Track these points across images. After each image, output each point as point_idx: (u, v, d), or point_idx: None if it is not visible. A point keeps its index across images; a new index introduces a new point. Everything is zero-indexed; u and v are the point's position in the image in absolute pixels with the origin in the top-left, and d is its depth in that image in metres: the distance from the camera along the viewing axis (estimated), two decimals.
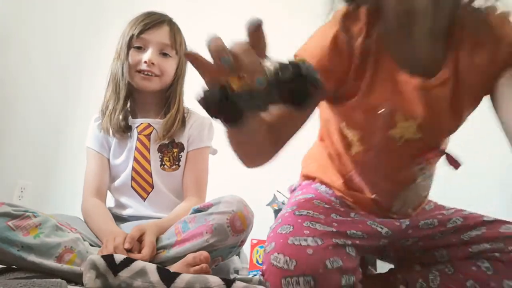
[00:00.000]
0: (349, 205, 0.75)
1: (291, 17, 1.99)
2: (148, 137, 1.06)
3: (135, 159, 1.04)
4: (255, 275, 1.30)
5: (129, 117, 1.07)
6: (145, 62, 1.02)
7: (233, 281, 0.64)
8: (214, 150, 1.15)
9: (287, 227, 0.62)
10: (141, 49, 1.04)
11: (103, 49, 1.75)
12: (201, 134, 1.09)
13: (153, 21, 1.04)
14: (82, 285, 0.64)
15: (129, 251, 0.79)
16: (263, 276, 0.60)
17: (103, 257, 0.64)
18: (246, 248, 1.13)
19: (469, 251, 0.68)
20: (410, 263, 0.75)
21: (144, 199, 1.04)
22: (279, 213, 1.36)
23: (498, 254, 0.66)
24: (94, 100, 1.16)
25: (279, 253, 0.58)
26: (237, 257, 1.02)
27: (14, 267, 0.76)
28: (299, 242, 0.58)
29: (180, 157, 1.07)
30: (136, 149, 1.05)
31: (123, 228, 0.93)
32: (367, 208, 0.74)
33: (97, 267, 0.63)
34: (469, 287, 0.65)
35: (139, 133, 1.06)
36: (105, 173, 1.06)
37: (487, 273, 0.65)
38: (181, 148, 1.07)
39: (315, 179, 0.82)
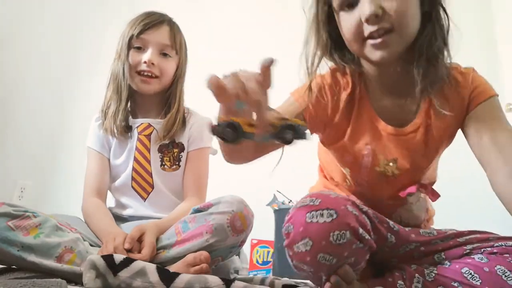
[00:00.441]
0: None
1: (291, 17, 1.99)
2: (148, 137, 1.06)
3: (136, 159, 1.04)
4: (255, 275, 1.30)
5: (130, 117, 1.07)
6: (145, 62, 1.02)
7: (232, 281, 0.64)
8: (214, 150, 1.15)
9: (309, 194, 0.67)
10: (141, 49, 1.04)
11: (101, 48, 1.75)
12: (202, 134, 1.09)
13: (153, 21, 1.04)
14: (82, 285, 0.64)
15: (129, 251, 0.79)
16: (288, 223, 0.63)
17: (103, 257, 0.64)
18: (246, 248, 1.13)
19: (464, 248, 0.72)
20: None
21: (144, 199, 1.04)
22: (279, 213, 1.38)
23: (489, 248, 0.70)
24: (94, 100, 1.16)
25: (305, 198, 0.64)
26: (237, 257, 1.02)
27: (14, 267, 0.76)
28: (323, 192, 0.66)
29: (180, 157, 1.07)
30: (136, 149, 1.05)
31: (123, 228, 0.93)
32: None
33: (97, 267, 0.63)
34: (464, 273, 0.67)
35: (139, 133, 1.06)
36: (106, 173, 1.06)
37: (481, 261, 0.68)
38: (182, 148, 1.07)
39: None
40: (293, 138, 0.51)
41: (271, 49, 1.99)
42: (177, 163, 1.06)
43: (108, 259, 0.64)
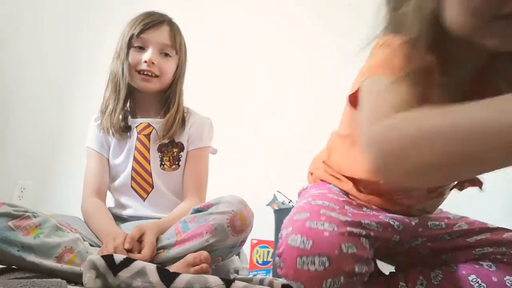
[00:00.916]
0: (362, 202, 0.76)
1: (291, 17, 1.99)
2: (148, 137, 1.06)
3: (135, 159, 1.04)
4: (255, 275, 1.30)
5: (129, 116, 1.07)
6: (145, 61, 1.02)
7: (232, 281, 0.64)
8: (214, 150, 1.15)
9: (303, 214, 0.62)
10: (141, 49, 1.04)
11: (101, 48, 1.75)
12: (201, 134, 1.09)
13: (153, 21, 1.04)
14: (82, 285, 0.64)
15: (129, 251, 0.79)
16: (279, 257, 0.61)
17: (103, 257, 0.64)
18: (246, 248, 1.14)
19: (473, 253, 0.69)
20: (412, 266, 0.76)
21: (144, 199, 1.04)
22: (279, 213, 1.37)
23: (500, 256, 0.67)
24: (93, 100, 1.16)
25: (296, 234, 0.59)
26: (237, 257, 1.02)
27: (14, 267, 0.76)
28: (316, 225, 0.59)
29: (180, 157, 1.07)
30: (136, 149, 1.05)
31: (123, 228, 0.93)
32: (382, 206, 0.74)
33: (97, 267, 0.63)
34: (472, 280, 0.66)
35: (138, 133, 1.06)
36: (105, 173, 1.06)
37: (490, 270, 0.66)
38: (181, 148, 1.07)
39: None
40: None
41: (271, 49, 2.00)
42: (176, 163, 1.06)
43: (108, 259, 0.64)
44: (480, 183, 0.73)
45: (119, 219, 1.02)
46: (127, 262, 0.65)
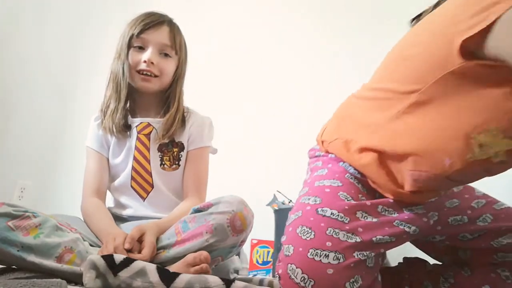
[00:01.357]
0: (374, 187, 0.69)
1: (291, 17, 1.99)
2: (148, 136, 1.06)
3: (135, 159, 1.04)
4: (255, 275, 1.30)
5: (129, 116, 1.07)
6: (145, 61, 1.02)
7: (232, 281, 0.64)
8: (214, 149, 1.15)
9: (307, 231, 0.59)
10: (141, 49, 1.04)
11: (101, 48, 1.75)
12: (201, 133, 1.10)
13: (153, 21, 1.04)
14: (82, 285, 0.64)
15: (129, 251, 0.79)
16: (279, 279, 0.58)
17: (103, 257, 0.64)
18: (246, 248, 1.14)
19: (494, 257, 0.65)
20: (422, 262, 0.73)
21: (144, 199, 1.04)
22: (279, 213, 1.37)
23: None
24: (94, 99, 1.16)
25: (297, 267, 0.56)
26: (237, 257, 1.02)
27: (14, 267, 0.76)
28: (320, 258, 0.55)
29: (180, 156, 1.07)
30: (136, 148, 1.05)
31: (123, 228, 0.93)
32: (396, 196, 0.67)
33: (97, 267, 0.63)
34: None
35: (138, 133, 1.06)
36: (105, 172, 1.06)
37: (506, 282, 0.62)
38: (181, 147, 1.07)
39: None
40: None
41: (271, 49, 2.00)
42: (176, 163, 1.06)
43: (108, 259, 0.64)
44: None
45: (119, 219, 1.02)
46: (127, 262, 0.65)
